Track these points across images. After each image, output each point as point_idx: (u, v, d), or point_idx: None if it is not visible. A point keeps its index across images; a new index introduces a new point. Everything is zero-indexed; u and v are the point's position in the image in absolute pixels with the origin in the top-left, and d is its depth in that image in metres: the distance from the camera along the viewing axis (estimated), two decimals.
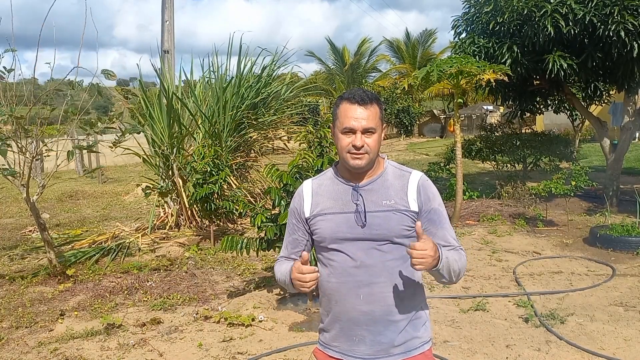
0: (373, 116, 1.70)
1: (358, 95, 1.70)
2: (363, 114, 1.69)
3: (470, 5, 8.63)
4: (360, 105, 1.69)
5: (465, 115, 28.50)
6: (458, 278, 1.77)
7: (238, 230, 7.70)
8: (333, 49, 33.84)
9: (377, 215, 1.72)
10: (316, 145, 4.74)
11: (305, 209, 1.82)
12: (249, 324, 4.28)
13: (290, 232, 1.89)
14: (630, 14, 6.83)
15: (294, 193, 1.93)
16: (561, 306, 4.54)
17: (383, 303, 1.72)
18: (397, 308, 1.74)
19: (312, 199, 1.82)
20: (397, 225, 1.73)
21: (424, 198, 1.77)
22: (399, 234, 1.73)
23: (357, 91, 1.73)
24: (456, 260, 1.73)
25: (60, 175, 13.76)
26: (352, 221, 1.73)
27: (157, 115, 7.80)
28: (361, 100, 1.69)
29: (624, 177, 9.93)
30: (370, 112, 1.70)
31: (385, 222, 1.72)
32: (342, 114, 1.72)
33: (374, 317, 1.73)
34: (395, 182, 1.78)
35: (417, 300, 1.81)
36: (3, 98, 5.34)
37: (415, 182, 1.78)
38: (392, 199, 1.75)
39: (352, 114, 1.69)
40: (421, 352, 1.80)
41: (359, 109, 1.69)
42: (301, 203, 1.84)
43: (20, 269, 6.16)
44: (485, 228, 7.53)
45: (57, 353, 3.89)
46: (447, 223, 1.82)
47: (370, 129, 1.69)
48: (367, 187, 1.76)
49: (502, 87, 8.99)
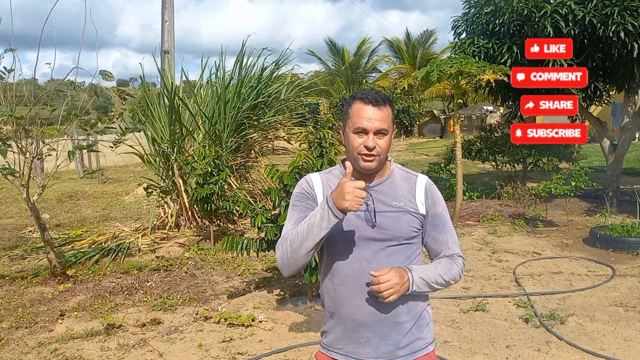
0: (386, 117, 1.69)
1: (372, 96, 1.69)
2: (377, 114, 1.67)
3: (470, 5, 8.63)
4: (374, 105, 1.68)
5: (465, 116, 28.51)
6: (449, 285, 1.79)
7: (238, 230, 7.70)
8: (332, 50, 33.86)
9: (387, 216, 1.72)
10: (316, 146, 4.74)
11: (318, 194, 1.76)
12: (249, 324, 4.28)
13: (301, 211, 1.74)
14: (630, 14, 6.83)
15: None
16: (561, 306, 4.54)
17: (390, 305, 1.70)
18: (403, 309, 1.73)
19: (323, 190, 1.77)
20: (407, 227, 1.73)
21: (430, 202, 1.79)
22: (408, 235, 1.74)
23: (371, 91, 1.72)
24: (441, 274, 1.74)
25: (60, 175, 13.76)
26: (361, 220, 1.71)
27: (158, 114, 7.81)
28: (375, 100, 1.68)
29: (624, 177, 9.93)
30: (384, 113, 1.69)
31: (395, 222, 1.72)
32: (355, 114, 1.69)
33: (380, 318, 1.72)
34: (403, 184, 1.79)
35: (421, 301, 1.81)
36: (3, 98, 5.35)
37: (422, 186, 1.80)
38: (401, 200, 1.75)
39: (365, 114, 1.67)
40: (426, 353, 1.80)
41: (372, 110, 1.67)
42: (312, 188, 1.78)
43: (20, 269, 6.16)
44: (485, 228, 7.53)
45: (57, 353, 3.89)
46: (450, 228, 1.83)
47: (382, 130, 1.68)
48: (376, 188, 1.75)
49: (502, 87, 8.99)
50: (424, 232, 1.80)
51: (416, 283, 1.67)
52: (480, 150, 10.06)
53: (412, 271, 1.68)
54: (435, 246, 1.81)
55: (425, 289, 1.70)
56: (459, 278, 1.79)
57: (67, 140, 6.49)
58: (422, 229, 1.79)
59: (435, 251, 1.82)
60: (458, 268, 1.79)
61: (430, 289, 1.73)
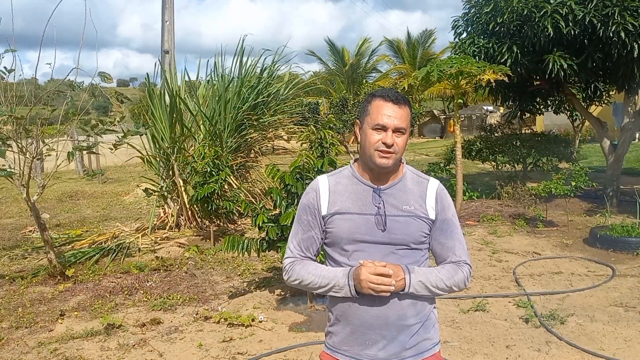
0: (405, 117, 1.70)
1: (392, 94, 1.71)
2: (397, 112, 1.69)
3: (471, 5, 8.63)
4: (395, 104, 1.69)
5: (465, 116, 28.53)
6: (452, 291, 1.77)
7: (238, 230, 7.70)
8: (332, 50, 33.84)
9: (398, 220, 1.71)
10: (317, 146, 4.75)
11: (322, 206, 1.77)
12: (249, 324, 4.27)
13: (305, 230, 1.80)
14: (630, 14, 6.83)
15: (296, 193, 1.91)
16: (561, 307, 4.54)
17: (398, 307, 1.70)
18: (411, 312, 1.73)
19: (329, 197, 1.77)
20: (416, 231, 1.73)
21: (440, 207, 1.77)
22: (417, 240, 1.74)
23: (391, 90, 1.73)
24: (444, 279, 1.72)
25: (60, 175, 13.75)
26: (371, 224, 1.71)
27: (159, 114, 7.81)
28: (395, 99, 1.70)
29: (624, 177, 9.93)
30: (403, 112, 1.70)
31: (405, 227, 1.71)
32: (374, 110, 1.70)
33: (388, 321, 1.71)
34: (414, 188, 1.78)
35: (429, 302, 1.80)
36: (3, 98, 5.35)
37: (433, 190, 1.78)
38: (412, 204, 1.74)
39: (385, 111, 1.68)
40: (432, 354, 1.79)
41: (393, 107, 1.69)
42: (317, 199, 1.78)
43: (20, 269, 6.16)
44: (485, 228, 7.53)
45: (57, 353, 3.89)
46: (459, 235, 1.80)
47: (401, 128, 1.69)
48: (388, 191, 1.75)
49: (502, 87, 9.00)
50: (431, 237, 1.78)
51: (413, 285, 1.67)
52: (480, 150, 10.06)
53: (412, 272, 1.67)
54: (441, 251, 1.79)
55: (423, 292, 1.70)
56: (463, 285, 1.77)
57: (67, 140, 6.49)
58: (430, 234, 1.78)
59: (442, 257, 1.80)
60: (463, 275, 1.76)
61: (430, 293, 1.72)
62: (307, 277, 1.75)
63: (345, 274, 1.68)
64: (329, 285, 1.70)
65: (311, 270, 1.75)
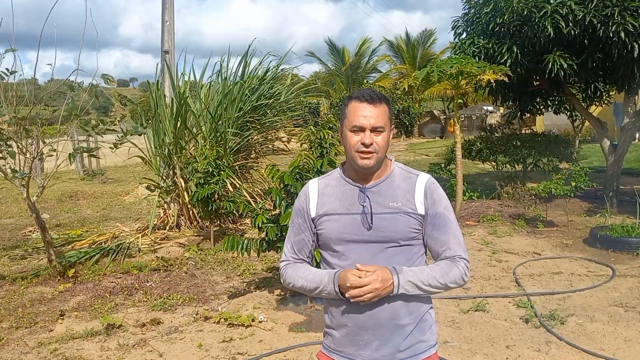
0: (382, 115, 1.70)
1: (367, 94, 1.71)
2: (372, 112, 1.69)
3: (470, 6, 8.63)
4: (370, 103, 1.70)
5: (465, 116, 28.52)
6: (448, 288, 1.74)
7: (238, 230, 7.71)
8: (332, 50, 33.85)
9: (384, 218, 1.71)
10: (316, 146, 4.75)
11: (311, 208, 1.80)
12: (249, 324, 4.28)
13: (297, 233, 1.84)
14: (630, 14, 6.83)
15: (296, 193, 1.93)
16: (561, 307, 4.54)
17: (390, 308, 1.70)
18: (404, 312, 1.72)
19: (317, 199, 1.80)
20: (404, 228, 1.72)
21: (430, 201, 1.75)
22: (406, 237, 1.72)
23: (366, 91, 1.74)
24: (437, 276, 1.70)
25: (60, 175, 13.76)
26: (358, 223, 1.71)
27: (162, 115, 7.80)
28: (370, 99, 1.70)
29: (624, 177, 9.93)
30: (380, 110, 1.70)
31: (392, 224, 1.71)
32: (351, 113, 1.71)
33: (380, 321, 1.70)
34: (402, 184, 1.77)
35: (424, 303, 1.78)
36: (4, 98, 5.35)
37: (422, 185, 1.77)
38: (399, 201, 1.73)
39: (361, 112, 1.69)
40: (427, 356, 1.78)
41: (368, 108, 1.69)
42: (307, 202, 1.81)
43: (20, 269, 6.16)
44: (485, 229, 7.53)
45: (57, 353, 3.89)
46: (454, 228, 1.77)
47: (379, 127, 1.69)
48: (373, 189, 1.74)
49: (502, 87, 8.99)
50: (424, 233, 1.76)
51: (402, 286, 1.66)
52: (481, 150, 10.05)
53: (400, 273, 1.66)
54: (435, 247, 1.77)
55: (415, 291, 1.68)
56: (461, 281, 1.73)
57: (67, 140, 6.49)
58: (422, 230, 1.76)
59: (436, 252, 1.77)
60: (459, 271, 1.72)
61: (423, 292, 1.70)
62: (298, 281, 1.79)
63: (331, 278, 1.70)
64: (318, 288, 1.74)
65: (300, 274, 1.79)
